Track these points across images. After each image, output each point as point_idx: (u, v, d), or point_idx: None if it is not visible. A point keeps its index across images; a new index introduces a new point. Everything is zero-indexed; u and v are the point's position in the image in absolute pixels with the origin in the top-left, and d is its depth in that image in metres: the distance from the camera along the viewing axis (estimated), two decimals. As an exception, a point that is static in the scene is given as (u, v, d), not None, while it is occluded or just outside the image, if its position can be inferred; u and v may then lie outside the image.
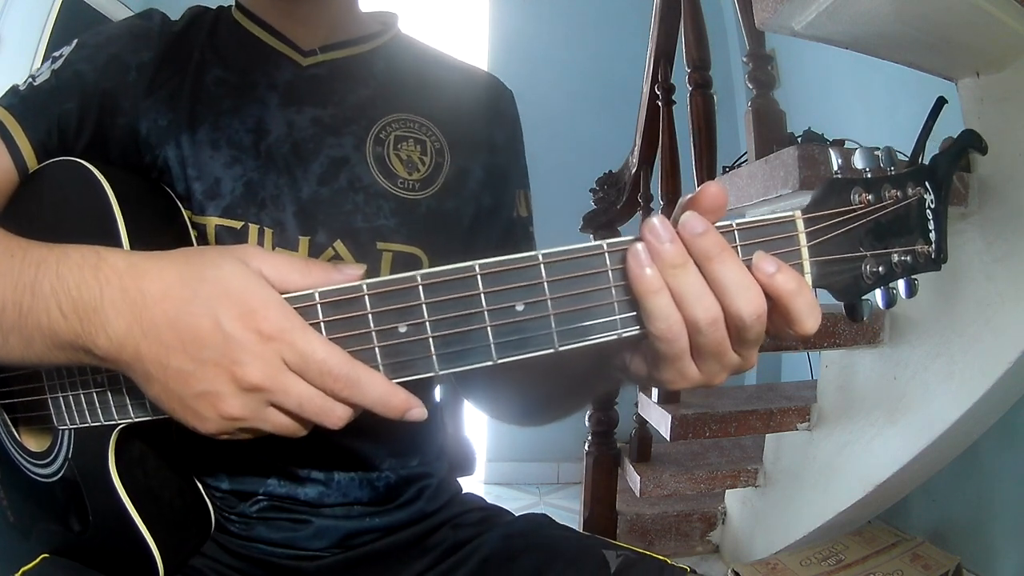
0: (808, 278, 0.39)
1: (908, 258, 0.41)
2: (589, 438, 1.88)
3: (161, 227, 0.55)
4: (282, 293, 0.38)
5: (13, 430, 0.58)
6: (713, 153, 1.60)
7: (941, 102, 0.43)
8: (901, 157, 0.42)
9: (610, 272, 0.37)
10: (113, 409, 0.47)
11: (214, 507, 0.59)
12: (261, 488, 0.60)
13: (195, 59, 0.62)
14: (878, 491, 1.40)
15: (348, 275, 0.39)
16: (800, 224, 0.39)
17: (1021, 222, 1.10)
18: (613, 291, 0.37)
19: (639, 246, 0.36)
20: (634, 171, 1.94)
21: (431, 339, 0.37)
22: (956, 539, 1.52)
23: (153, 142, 0.59)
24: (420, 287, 0.37)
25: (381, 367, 0.38)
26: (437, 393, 0.74)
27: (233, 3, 0.67)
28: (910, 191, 0.40)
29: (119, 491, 0.49)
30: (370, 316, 0.37)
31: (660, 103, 1.83)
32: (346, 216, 0.60)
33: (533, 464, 2.77)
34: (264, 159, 0.60)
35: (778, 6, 1.09)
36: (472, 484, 0.79)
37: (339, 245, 0.59)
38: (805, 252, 0.39)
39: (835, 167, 0.40)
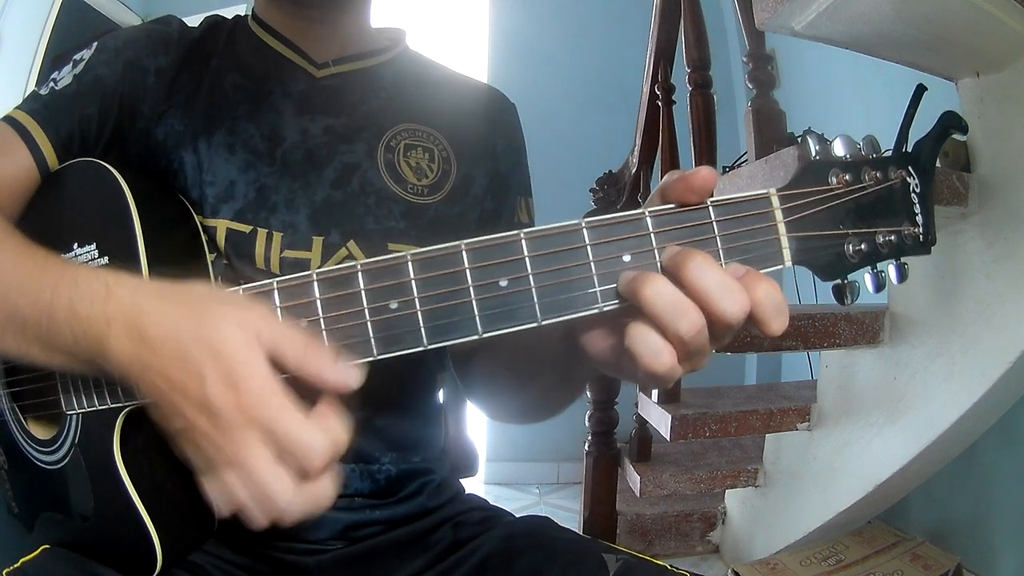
0: (786, 254, 0.39)
1: (893, 238, 0.40)
2: (589, 438, 1.88)
3: (174, 229, 0.57)
4: (273, 361, 0.37)
5: (21, 418, 0.59)
6: (713, 153, 1.60)
7: (920, 89, 0.43)
8: (887, 154, 0.43)
9: (588, 248, 0.38)
10: (120, 391, 0.47)
11: None
12: None
13: (213, 65, 0.64)
14: (878, 491, 1.40)
15: (340, 375, 0.37)
16: (775, 201, 0.39)
17: (1021, 222, 1.10)
18: (592, 266, 0.38)
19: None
20: (634, 171, 1.95)
21: (419, 313, 0.39)
22: (956, 539, 1.52)
23: (169, 146, 0.61)
24: (409, 264, 0.39)
25: (373, 341, 0.39)
26: (441, 395, 0.74)
27: (249, 14, 0.70)
28: (892, 175, 0.41)
29: (122, 475, 0.50)
30: (363, 294, 0.39)
31: (660, 103, 1.83)
32: (358, 218, 0.62)
33: (533, 464, 2.77)
34: (279, 165, 0.62)
35: (778, 6, 1.09)
36: (472, 484, 0.79)
37: (352, 245, 0.62)
38: (782, 228, 0.39)
39: (813, 152, 0.40)
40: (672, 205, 0.39)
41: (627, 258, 0.38)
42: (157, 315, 0.38)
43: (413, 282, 0.39)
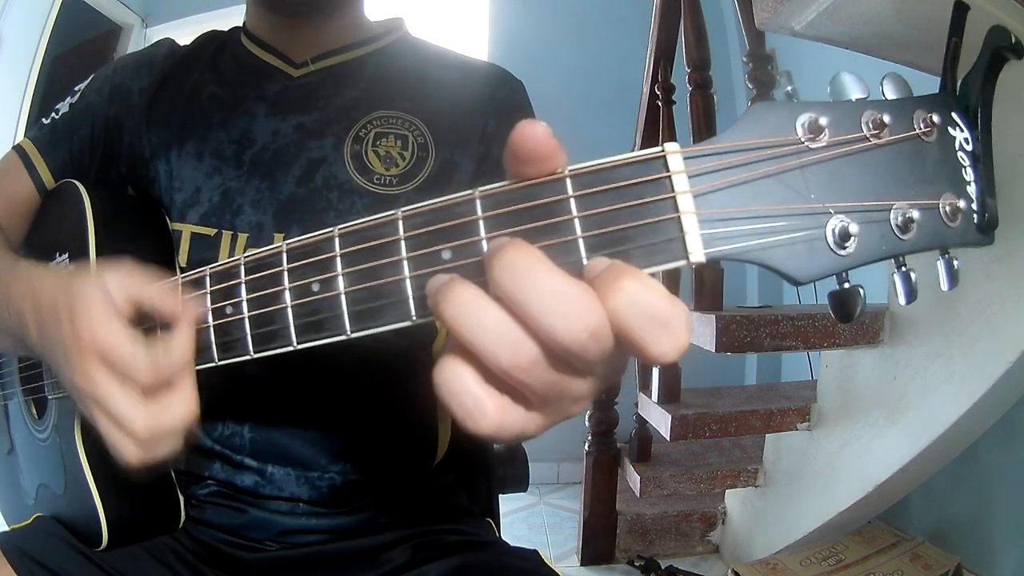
0: (693, 242, 0.26)
1: (917, 214, 0.27)
2: (589, 438, 1.88)
3: (139, 237, 0.61)
4: (131, 301, 0.39)
5: (28, 398, 0.65)
6: (713, 153, 1.60)
7: (962, 7, 0.30)
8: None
9: (402, 242, 0.30)
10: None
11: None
12: (208, 471, 0.62)
13: (193, 79, 0.67)
14: (878, 491, 1.40)
15: (174, 304, 0.39)
16: (675, 162, 0.26)
17: (1021, 222, 1.10)
18: (404, 265, 0.30)
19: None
20: (634, 171, 1.94)
21: (246, 320, 0.36)
22: (956, 539, 1.52)
23: (147, 156, 0.64)
24: (241, 267, 0.36)
25: (214, 346, 0.38)
26: (443, 409, 0.70)
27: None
28: (920, 123, 0.28)
29: (80, 452, 0.53)
30: (209, 296, 0.38)
31: (660, 103, 1.83)
32: (319, 213, 0.61)
33: (533, 464, 2.76)
34: (247, 167, 0.62)
35: (778, 6, 1.09)
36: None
37: None
38: (684, 202, 0.26)
39: (787, 92, 0.29)
40: (512, 180, 0.28)
41: (447, 255, 0.29)
42: (48, 288, 0.42)
43: (243, 285, 0.36)
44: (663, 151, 0.26)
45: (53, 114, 0.68)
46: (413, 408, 0.66)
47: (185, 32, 0.74)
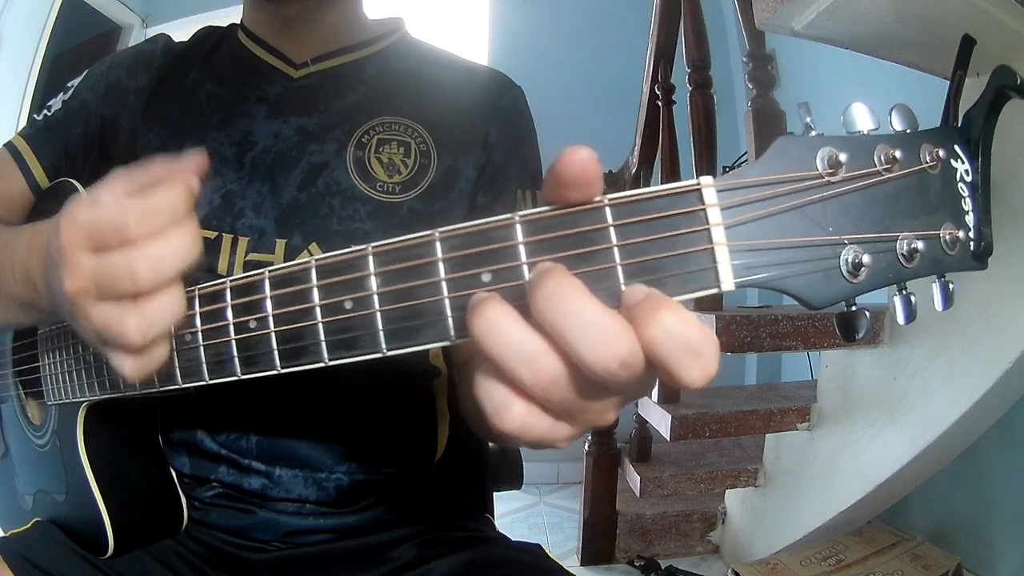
0: (724, 271, 0.28)
1: (922, 245, 0.29)
2: (589, 438, 1.89)
3: None
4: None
5: (24, 403, 0.65)
6: (713, 153, 1.60)
7: (969, 41, 0.32)
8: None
9: (440, 264, 0.30)
10: (81, 388, 0.52)
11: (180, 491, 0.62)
12: (213, 474, 0.61)
13: (191, 78, 0.66)
14: (878, 491, 1.40)
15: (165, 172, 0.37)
16: (708, 195, 0.28)
17: (1021, 222, 1.10)
18: (444, 286, 0.30)
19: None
20: (634, 171, 1.95)
21: (273, 335, 0.36)
22: (956, 539, 1.52)
23: (145, 159, 0.62)
24: (266, 282, 0.36)
25: (237, 360, 0.37)
26: (441, 408, 0.70)
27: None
28: (927, 156, 0.30)
29: (83, 461, 0.53)
30: (229, 309, 0.37)
31: (660, 103, 1.83)
32: (321, 220, 0.61)
33: (533, 464, 2.76)
34: (248, 170, 0.62)
35: (778, 6, 1.09)
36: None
37: (314, 248, 0.60)
38: (717, 234, 0.28)
39: (804, 125, 0.30)
40: (554, 206, 0.29)
41: (487, 277, 0.29)
42: (43, 232, 0.41)
43: (268, 300, 0.35)
44: (699, 184, 0.28)
45: (45, 111, 0.66)
46: (414, 408, 0.67)
47: (185, 32, 0.73)
